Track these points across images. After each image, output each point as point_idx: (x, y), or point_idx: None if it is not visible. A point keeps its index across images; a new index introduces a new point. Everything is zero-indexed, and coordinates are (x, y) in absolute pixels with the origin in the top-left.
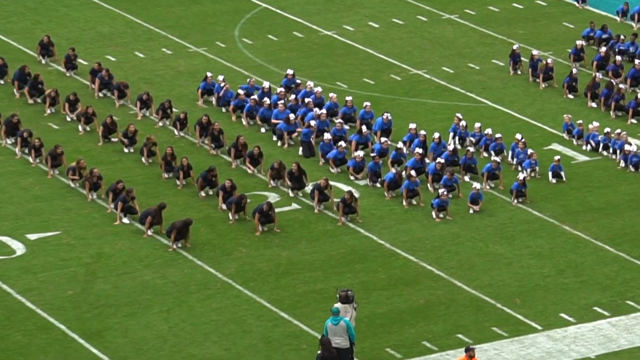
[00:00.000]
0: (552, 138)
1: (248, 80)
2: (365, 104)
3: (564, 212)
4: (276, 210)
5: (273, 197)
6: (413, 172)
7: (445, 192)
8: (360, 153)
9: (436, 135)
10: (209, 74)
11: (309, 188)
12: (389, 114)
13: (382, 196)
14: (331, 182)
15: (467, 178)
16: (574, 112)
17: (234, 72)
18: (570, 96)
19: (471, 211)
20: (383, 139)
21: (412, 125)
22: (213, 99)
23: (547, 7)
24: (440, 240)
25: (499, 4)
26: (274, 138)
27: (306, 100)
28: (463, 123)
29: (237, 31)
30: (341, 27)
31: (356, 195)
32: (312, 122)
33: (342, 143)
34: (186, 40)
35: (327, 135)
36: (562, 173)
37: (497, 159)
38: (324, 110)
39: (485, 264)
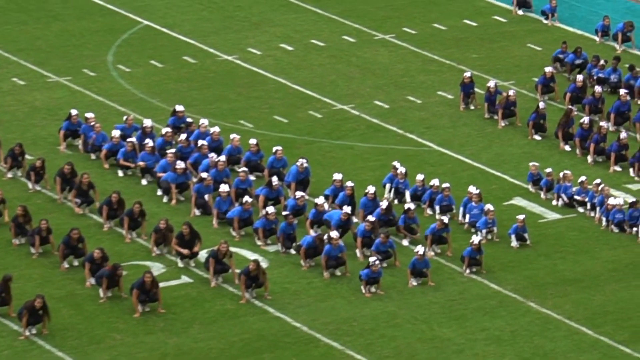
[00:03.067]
0: (514, 190)
1: (125, 117)
2: (275, 148)
3: (529, 285)
4: (161, 284)
5: (157, 268)
6: (334, 234)
7: (377, 261)
8: (270, 210)
9: (370, 189)
10: (73, 112)
11: (202, 256)
12: (305, 161)
13: (298, 265)
14: (232, 249)
15: (405, 242)
16: (542, 157)
17: (106, 107)
18: (537, 137)
19: (413, 283)
20: (299, 194)
21: (337, 176)
22: (79, 143)
23: (508, 24)
24: (372, 322)
25: (447, 21)
26: (159, 192)
27: (199, 143)
28: (402, 170)
29: (110, 56)
30: (245, 51)
31: (264, 265)
32: (205, 174)
33: (246, 198)
34: (44, 68)
35: (224, 188)
36: (527, 235)
37: (445, 218)
38: (222, 157)
39: (429, 351)
